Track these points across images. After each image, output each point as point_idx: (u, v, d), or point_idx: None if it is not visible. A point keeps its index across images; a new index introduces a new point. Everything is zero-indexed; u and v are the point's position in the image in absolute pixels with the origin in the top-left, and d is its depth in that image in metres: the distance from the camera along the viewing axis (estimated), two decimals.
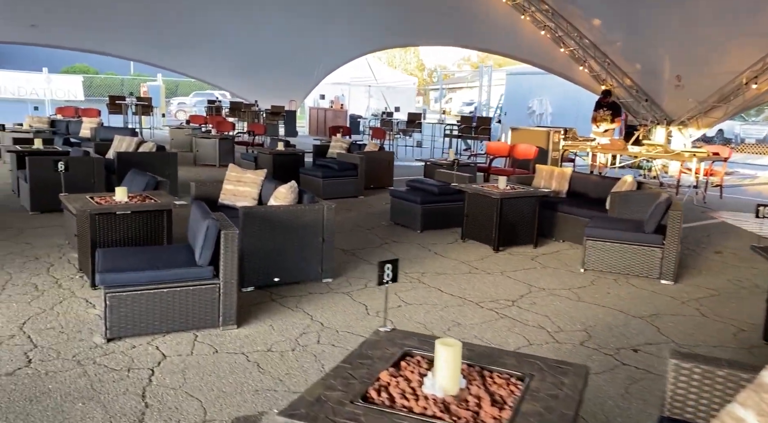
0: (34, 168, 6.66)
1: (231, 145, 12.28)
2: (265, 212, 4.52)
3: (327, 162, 9.17)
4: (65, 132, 12.11)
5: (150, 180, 5.41)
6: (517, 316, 4.17)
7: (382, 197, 9.14)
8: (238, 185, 5.58)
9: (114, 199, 4.61)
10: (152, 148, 8.15)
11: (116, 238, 4.42)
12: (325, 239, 4.71)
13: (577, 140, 10.59)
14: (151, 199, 4.70)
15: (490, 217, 5.88)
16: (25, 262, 4.95)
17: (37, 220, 6.44)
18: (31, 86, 22.24)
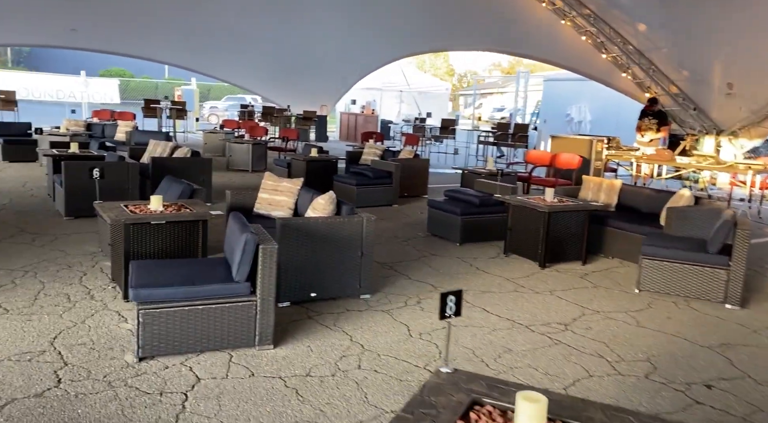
0: (70, 173, 6.61)
1: (264, 150, 12.20)
2: (302, 224, 4.31)
3: (361, 169, 8.96)
4: (101, 135, 12.21)
5: (185, 188, 5.27)
6: (572, 342, 3.86)
7: (418, 206, 8.89)
8: (274, 194, 5.40)
9: (149, 208, 4.47)
10: (187, 154, 8.07)
11: (150, 248, 4.27)
12: (364, 253, 4.48)
13: (621, 150, 10.16)
14: (187, 209, 4.54)
15: (536, 231, 5.57)
16: (58, 271, 4.85)
17: (71, 226, 6.38)
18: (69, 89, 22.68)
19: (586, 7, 12.16)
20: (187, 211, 4.49)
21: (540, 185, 9.09)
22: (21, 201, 7.56)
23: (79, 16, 14.88)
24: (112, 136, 12.12)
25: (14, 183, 8.81)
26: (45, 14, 14.60)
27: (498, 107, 38.27)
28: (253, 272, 3.52)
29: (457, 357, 3.54)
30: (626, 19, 11.56)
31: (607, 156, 9.81)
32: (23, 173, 9.78)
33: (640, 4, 11.12)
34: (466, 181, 8.49)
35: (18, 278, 4.60)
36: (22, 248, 5.44)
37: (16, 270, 4.81)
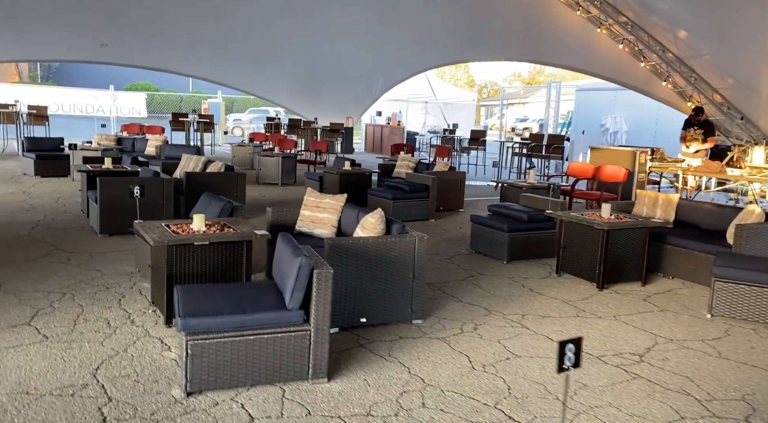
0: (105, 189, 6.48)
1: (293, 163, 12.05)
2: (352, 244, 4.06)
3: (396, 182, 8.71)
4: (131, 149, 12.19)
5: (226, 205, 5.08)
6: (652, 375, 3.53)
7: (454, 220, 8.61)
8: (317, 211, 5.17)
9: (191, 227, 4.27)
10: (220, 168, 7.91)
11: (193, 270, 4.06)
12: (416, 275, 4.21)
13: (666, 161, 9.75)
14: (230, 228, 4.33)
15: (593, 249, 5.24)
16: (96, 293, 4.67)
17: (106, 244, 6.24)
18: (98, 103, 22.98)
19: (623, 15, 11.82)
20: (230, 230, 4.27)
21: (583, 199, 8.74)
22: (55, 217, 7.47)
23: (109, 31, 15.03)
24: (142, 150, 12.10)
25: (48, 199, 8.76)
26: (76, 30, 14.78)
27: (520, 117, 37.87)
28: (307, 299, 3.28)
29: (528, 394, 3.24)
30: (666, 26, 11.19)
31: (651, 168, 9.41)
32: (56, 188, 9.75)
33: (681, 10, 10.75)
34: (506, 195, 8.18)
35: (56, 301, 4.43)
36: (57, 267, 5.29)
37: (54, 292, 4.64)
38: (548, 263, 6.08)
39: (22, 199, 8.58)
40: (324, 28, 15.60)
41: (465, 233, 7.65)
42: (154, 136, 12.36)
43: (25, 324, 3.96)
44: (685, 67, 11.30)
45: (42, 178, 10.83)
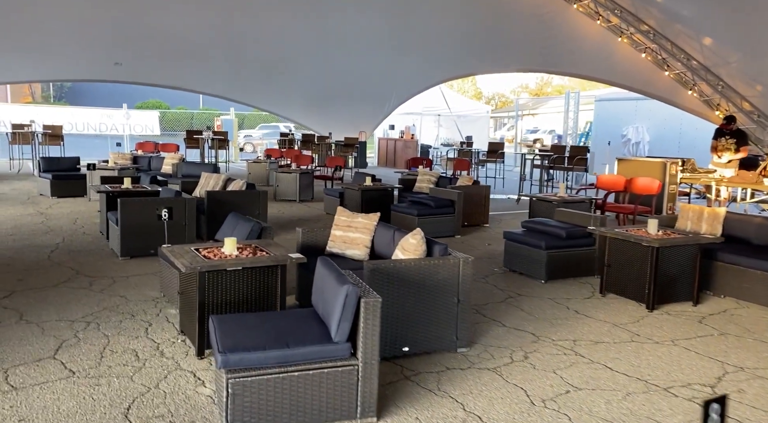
0: (126, 211, 6.30)
1: (310, 179, 11.87)
2: (393, 268, 3.81)
3: (420, 198, 8.48)
4: (147, 168, 12.07)
5: (254, 226, 4.86)
6: (732, 411, 3.23)
7: (481, 236, 8.35)
8: (349, 231, 4.93)
9: (222, 251, 4.04)
10: (242, 187, 7.72)
11: (225, 297, 3.83)
12: (461, 300, 3.95)
13: (697, 172, 9.44)
14: (263, 252, 4.10)
15: (641, 268, 4.95)
16: (121, 321, 4.45)
17: (128, 267, 6.03)
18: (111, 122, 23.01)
19: (645, 23, 11.60)
20: (263, 254, 4.04)
21: (614, 212, 8.45)
22: (74, 239, 7.29)
23: (123, 51, 15.04)
24: (159, 168, 11.98)
25: (65, 220, 8.60)
26: (91, 50, 14.79)
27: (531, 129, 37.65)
28: (352, 330, 3.03)
29: None
30: (690, 34, 10.95)
31: (683, 179, 9.11)
32: (73, 209, 9.61)
33: (705, 17, 10.51)
34: (536, 210, 7.92)
35: (81, 331, 4.21)
36: (80, 294, 5.08)
37: (78, 320, 4.42)
38: (589, 282, 5.80)
39: (40, 221, 8.43)
40: (337, 44, 15.53)
41: (495, 250, 7.39)
42: (171, 154, 12.24)
43: (49, 357, 3.74)
44: (712, 75, 11.04)
45: (59, 198, 10.71)
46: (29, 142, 14.95)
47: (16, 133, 15.04)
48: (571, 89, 52.13)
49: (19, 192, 11.42)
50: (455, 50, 14.97)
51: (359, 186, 9.05)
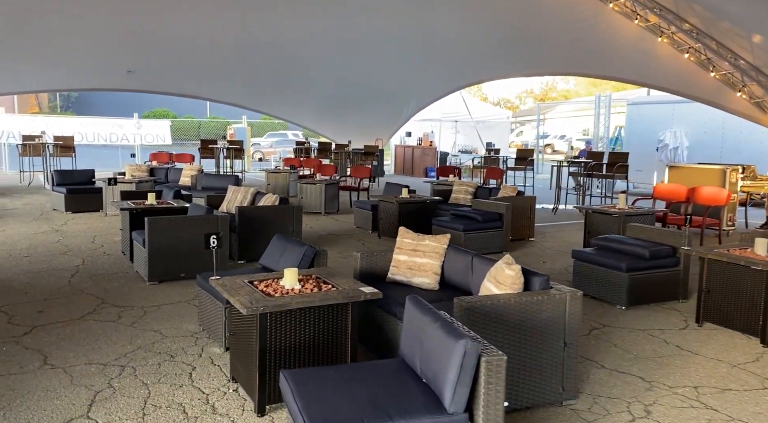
0: (154, 231, 5.72)
1: (336, 190, 11.29)
2: (491, 306, 3.20)
3: (465, 211, 7.86)
4: (164, 180, 11.53)
5: (307, 251, 4.25)
6: None
7: (531, 252, 7.72)
8: (415, 256, 4.32)
9: (282, 285, 3.44)
10: (275, 201, 7.14)
11: (287, 342, 3.22)
12: (568, 343, 3.33)
13: (759, 179, 8.80)
14: (327, 285, 3.49)
15: (751, 295, 4.32)
16: (160, 364, 3.84)
17: (158, 294, 5.44)
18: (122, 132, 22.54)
19: (687, 22, 10.98)
20: (329, 288, 3.43)
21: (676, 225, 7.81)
22: (95, 261, 6.71)
23: (134, 58, 14.59)
24: (177, 180, 11.43)
25: (83, 238, 8.03)
26: (103, 58, 14.34)
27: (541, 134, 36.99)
28: (470, 396, 2.42)
29: None
30: (738, 31, 10.32)
31: (743, 187, 8.47)
32: (90, 226, 9.04)
33: (754, 13, 9.86)
34: (594, 224, 7.28)
35: (115, 378, 3.61)
36: (108, 329, 4.49)
37: (110, 364, 3.83)
38: (674, 308, 5.17)
39: (56, 240, 7.87)
40: (353, 49, 15.01)
41: (552, 269, 6.78)
42: (189, 166, 11.69)
43: (82, 416, 3.14)
44: (763, 76, 10.40)
45: (73, 213, 10.16)
46: (40, 153, 14.45)
47: (26, 144, 14.55)
48: (577, 94, 51.08)
49: (31, 207, 10.87)
50: (481, 53, 14.40)
51: (396, 198, 8.44)
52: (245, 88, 17.46)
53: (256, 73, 16.32)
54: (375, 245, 8.11)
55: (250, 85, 17.22)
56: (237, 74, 16.36)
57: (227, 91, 17.67)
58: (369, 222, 9.25)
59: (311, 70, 16.26)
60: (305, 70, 16.23)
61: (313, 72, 16.41)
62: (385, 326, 3.85)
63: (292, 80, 16.85)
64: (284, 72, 16.25)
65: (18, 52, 13.23)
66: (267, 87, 17.28)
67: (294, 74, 16.43)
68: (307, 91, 17.68)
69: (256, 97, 18.04)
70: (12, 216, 9.77)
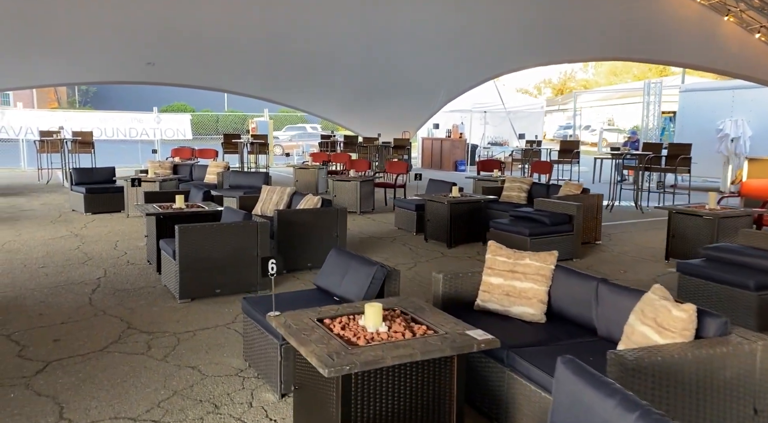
0: (186, 241, 4.95)
1: (371, 187, 10.47)
2: (661, 363, 2.33)
3: (526, 212, 6.97)
4: (189, 178, 10.80)
5: (377, 272, 3.44)
6: None
7: (603, 259, 6.83)
8: (513, 278, 3.47)
9: (363, 325, 2.62)
10: (317, 203, 6.33)
11: (374, 405, 2.40)
12: (759, 410, 2.46)
13: None
14: (421, 326, 2.66)
15: None
16: (202, 419, 3.06)
17: (192, 316, 4.67)
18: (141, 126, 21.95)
19: None
20: (426, 330, 2.60)
21: None
22: (118, 272, 5.98)
23: (156, 51, 13.92)
24: (201, 178, 10.69)
25: (104, 244, 7.32)
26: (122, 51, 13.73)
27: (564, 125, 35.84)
28: None
29: None
30: None
31: None
32: (111, 229, 8.34)
33: None
34: (680, 226, 6.36)
35: None
36: (136, 364, 3.72)
37: (141, 418, 3.05)
38: None
39: (76, 246, 7.16)
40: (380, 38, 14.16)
41: (637, 280, 5.88)
42: (214, 162, 10.94)
43: None
44: None
45: (93, 214, 9.49)
46: (58, 150, 13.82)
47: (44, 140, 13.94)
48: (596, 84, 49.43)
49: (49, 207, 10.22)
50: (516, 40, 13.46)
51: (445, 198, 7.57)
52: (267, 80, 16.71)
53: (279, 64, 15.55)
54: (424, 250, 7.28)
55: (273, 77, 16.47)
56: (259, 65, 15.62)
57: (249, 83, 16.94)
58: (413, 223, 8.42)
59: (336, 60, 15.45)
60: (330, 60, 15.43)
61: (338, 63, 15.60)
62: (488, 375, 3.01)
63: (316, 71, 16.08)
64: (308, 63, 15.47)
65: (36, 46, 12.67)
66: (290, 78, 16.52)
67: (318, 65, 15.64)
68: (332, 82, 16.88)
69: (278, 88, 17.29)
70: (29, 218, 9.11)
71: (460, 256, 7.02)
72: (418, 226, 8.30)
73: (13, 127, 18.13)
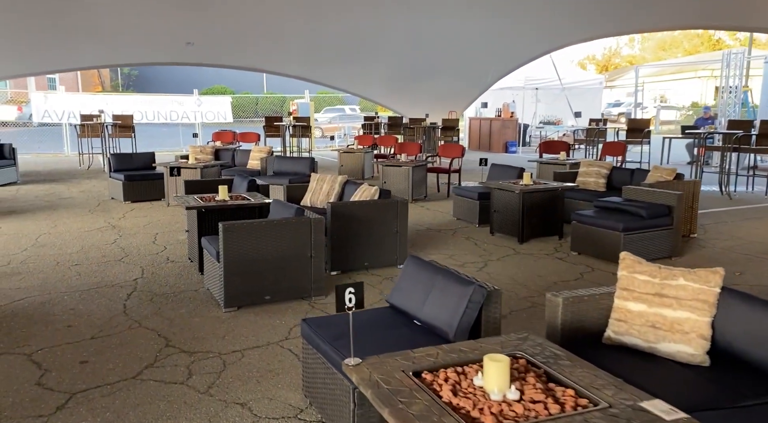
0: (231, 240, 4.26)
1: (424, 173, 9.64)
2: None
3: (617, 203, 6.02)
4: (231, 163, 10.20)
5: (475, 295, 2.65)
6: None
7: (707, 256, 5.84)
8: (661, 305, 2.61)
9: (478, 386, 1.83)
10: (374, 194, 5.56)
11: None
12: None
13: None
14: (567, 390, 1.86)
15: None
16: None
17: (240, 329, 3.99)
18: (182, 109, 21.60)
19: None
20: (575, 398, 1.79)
21: None
22: (156, 272, 5.37)
23: (195, 31, 13.35)
24: (244, 164, 10.07)
25: (143, 237, 6.76)
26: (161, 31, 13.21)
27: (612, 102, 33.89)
28: None
29: None
30: None
31: None
32: (151, 219, 7.80)
33: None
34: None
35: None
36: (175, 398, 3.06)
37: None
38: None
39: (112, 240, 6.62)
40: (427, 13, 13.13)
41: (755, 283, 4.90)
42: (257, 147, 10.29)
43: None
44: None
45: (132, 203, 9.00)
46: (99, 134, 13.47)
47: (84, 125, 13.61)
48: (643, 59, 46.84)
49: (88, 195, 9.81)
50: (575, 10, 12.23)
51: (518, 185, 6.67)
52: (308, 59, 15.97)
53: (320, 44, 14.78)
54: (492, 245, 6.44)
55: (314, 56, 15.71)
56: (300, 44, 14.90)
57: (290, 63, 16.24)
58: (474, 213, 7.56)
59: (379, 37, 14.57)
60: (373, 38, 14.56)
61: (382, 40, 14.71)
62: None
63: (359, 49, 15.24)
64: (350, 41, 14.65)
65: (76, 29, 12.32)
66: (332, 57, 15.73)
67: (361, 43, 14.79)
68: (375, 61, 16.01)
69: (319, 69, 16.53)
70: (67, 207, 8.68)
71: (536, 253, 6.15)
72: (481, 217, 7.46)
73: (56, 112, 18.03)
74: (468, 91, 18.11)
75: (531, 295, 4.75)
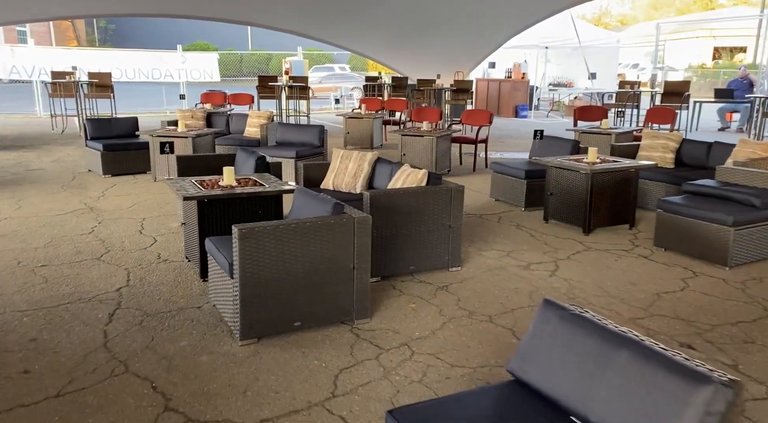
0: (248, 250, 3.09)
1: (448, 144, 8.45)
2: None
3: (715, 188, 4.92)
4: (226, 131, 8.89)
5: (717, 400, 1.52)
6: None
7: None
8: None
9: None
10: (421, 180, 4.38)
11: None
12: None
13: None
14: None
15: None
16: None
17: (263, 375, 2.87)
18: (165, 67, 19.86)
19: None
20: None
21: None
22: (146, 277, 4.21)
23: None
24: (241, 131, 8.79)
25: (127, 224, 5.55)
26: None
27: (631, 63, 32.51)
28: None
29: None
30: None
31: None
32: (135, 199, 6.56)
33: None
34: None
35: None
36: None
37: None
38: None
39: (90, 229, 5.40)
40: None
41: None
42: (255, 112, 8.98)
43: None
44: None
45: (113, 177, 7.74)
46: (73, 94, 11.97)
47: (56, 82, 12.08)
48: (634, 19, 45.50)
49: (61, 166, 8.49)
50: None
51: (586, 163, 5.51)
52: (304, 14, 14.42)
53: None
54: (552, 237, 5.35)
55: (310, 10, 14.16)
56: None
57: (284, 16, 14.66)
58: (520, 195, 6.44)
59: None
60: None
61: None
62: None
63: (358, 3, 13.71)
64: None
65: None
66: (329, 12, 14.20)
67: None
68: (376, 15, 14.49)
69: (316, 24, 15.01)
70: (35, 182, 7.39)
71: (611, 248, 5.07)
72: (528, 200, 6.34)
73: (26, 67, 16.30)
74: (476, 51, 16.71)
75: (637, 316, 3.69)
